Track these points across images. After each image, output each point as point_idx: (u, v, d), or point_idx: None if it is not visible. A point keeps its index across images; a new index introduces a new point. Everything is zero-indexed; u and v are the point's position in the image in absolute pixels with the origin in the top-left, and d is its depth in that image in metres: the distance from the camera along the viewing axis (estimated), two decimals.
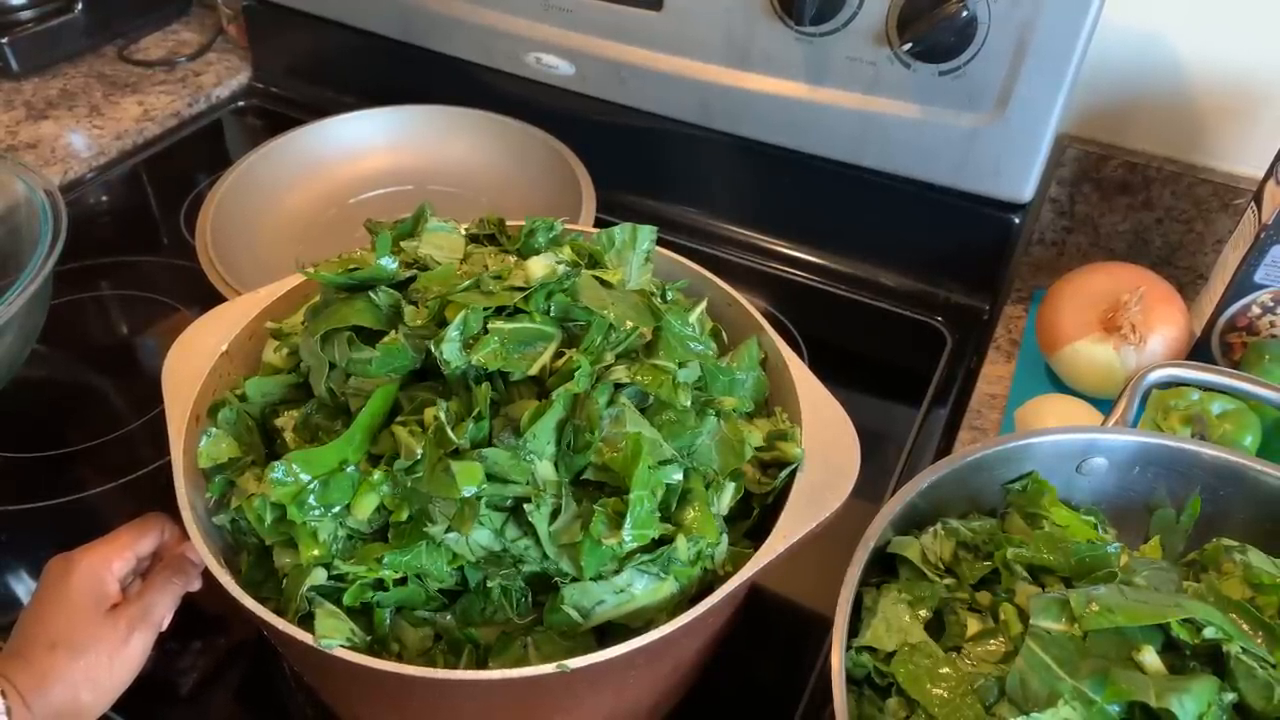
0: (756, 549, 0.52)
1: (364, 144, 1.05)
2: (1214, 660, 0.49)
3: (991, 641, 0.52)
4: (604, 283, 0.58)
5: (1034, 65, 0.81)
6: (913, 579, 0.56)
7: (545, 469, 0.51)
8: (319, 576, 0.51)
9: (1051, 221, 1.01)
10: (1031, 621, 0.50)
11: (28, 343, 0.82)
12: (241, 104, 1.27)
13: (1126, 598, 0.50)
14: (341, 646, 0.48)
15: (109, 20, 1.30)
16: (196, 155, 1.18)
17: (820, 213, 1.01)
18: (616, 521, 0.49)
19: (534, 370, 0.52)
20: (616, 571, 0.51)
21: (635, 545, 0.50)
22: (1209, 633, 0.48)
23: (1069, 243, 1.02)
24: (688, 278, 0.68)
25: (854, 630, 0.54)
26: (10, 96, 1.21)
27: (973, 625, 0.53)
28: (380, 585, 0.52)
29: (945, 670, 0.50)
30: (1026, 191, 0.89)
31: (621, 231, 0.63)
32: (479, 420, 0.50)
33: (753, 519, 0.58)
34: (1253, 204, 0.78)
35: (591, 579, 0.51)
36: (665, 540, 0.51)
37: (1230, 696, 0.47)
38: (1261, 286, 0.77)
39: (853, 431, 0.57)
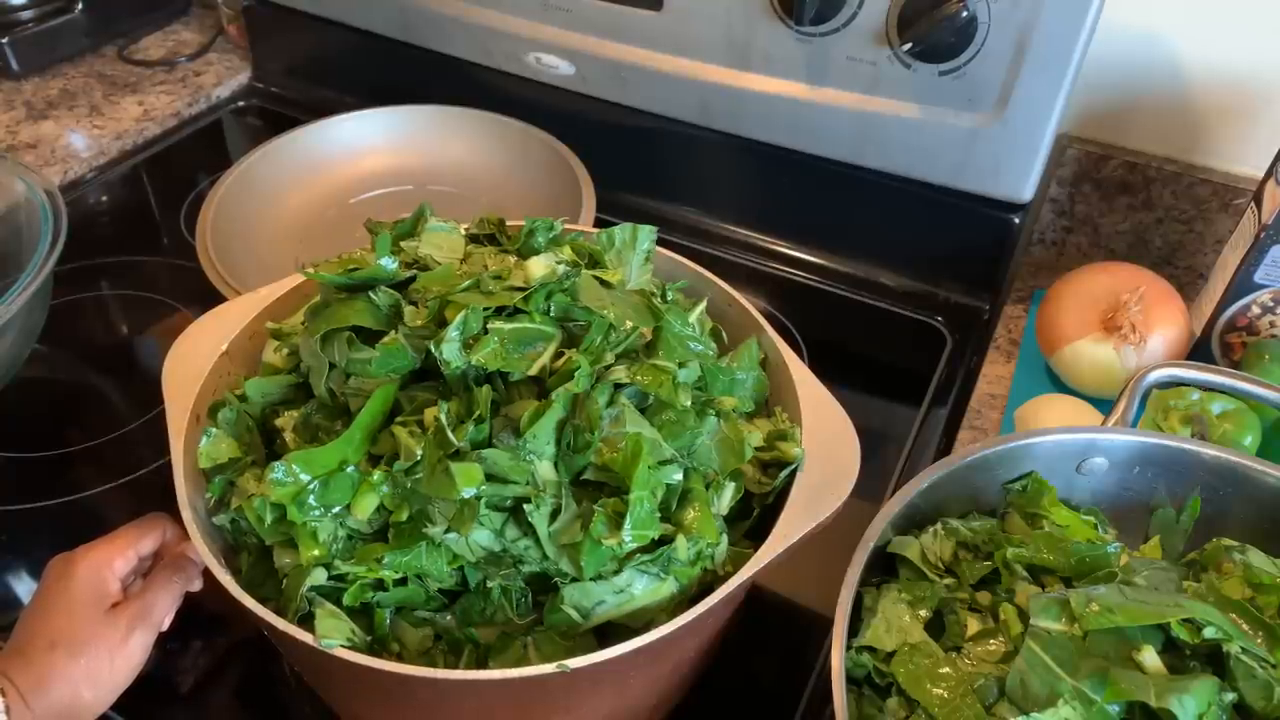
0: (756, 549, 0.52)
1: (364, 144, 1.05)
2: (1214, 660, 0.49)
3: (991, 641, 0.52)
4: (604, 283, 0.58)
5: (1034, 65, 0.81)
6: (913, 579, 0.56)
7: (545, 469, 0.51)
8: (319, 576, 0.51)
9: (1051, 221, 1.01)
10: (1031, 621, 0.50)
11: (28, 343, 0.82)
12: (241, 104, 1.27)
13: (1126, 598, 0.50)
14: (342, 646, 0.48)
15: (109, 20, 1.30)
16: (196, 155, 1.18)
17: (820, 213, 1.01)
18: (616, 521, 0.49)
19: (534, 370, 0.52)
20: (616, 571, 0.51)
21: (635, 545, 0.50)
22: (1209, 633, 0.48)
23: (1069, 243, 1.02)
24: (688, 278, 0.68)
25: (854, 630, 0.54)
26: (10, 96, 1.21)
27: (973, 625, 0.53)
28: (380, 585, 0.52)
29: (945, 670, 0.50)
30: (1026, 191, 0.89)
31: (621, 231, 0.63)
32: (479, 422, 0.50)
33: (753, 519, 0.58)
34: (1253, 204, 0.78)
35: (591, 579, 0.51)
36: (665, 540, 0.51)
37: (1230, 696, 0.47)
38: (1261, 286, 0.77)
39: (853, 431, 0.57)
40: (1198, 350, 0.82)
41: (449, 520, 0.50)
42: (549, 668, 0.46)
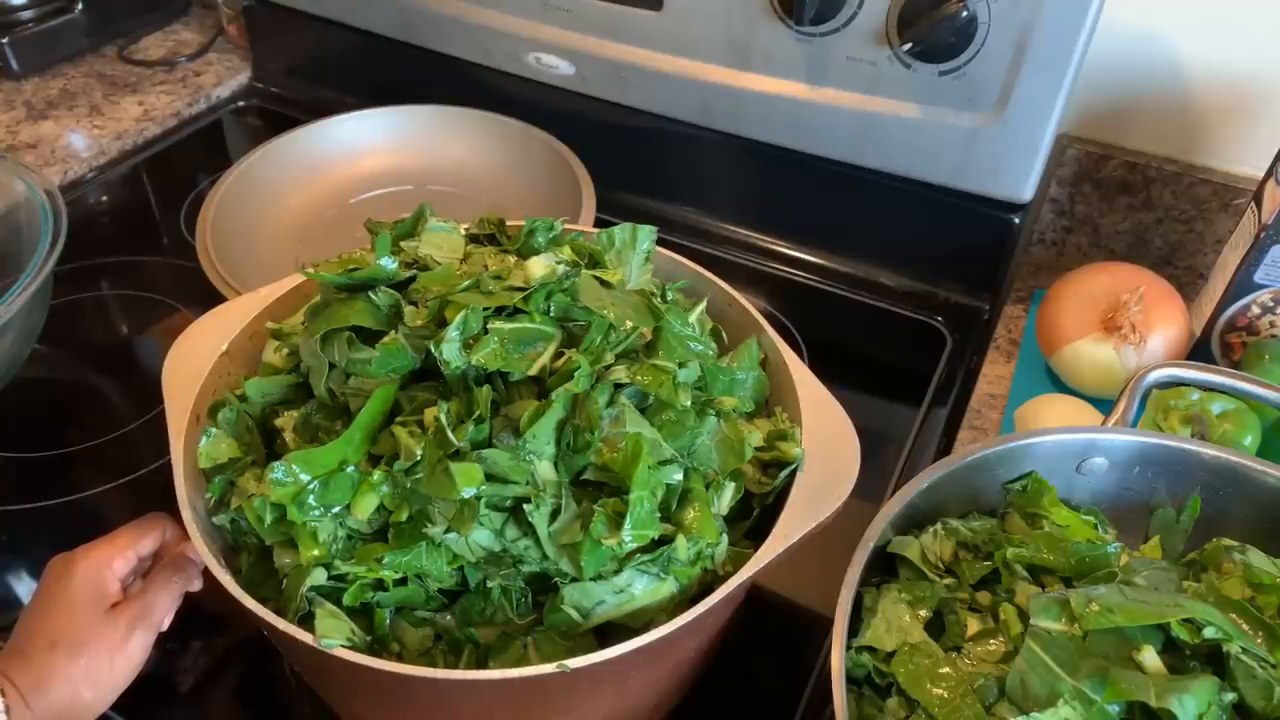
0: (756, 549, 0.52)
1: (364, 144, 1.05)
2: (1214, 660, 0.49)
3: (991, 641, 0.52)
4: (604, 283, 0.58)
5: (1034, 65, 0.81)
6: (913, 579, 0.56)
7: (545, 469, 0.51)
8: (319, 576, 0.51)
9: (1051, 221, 1.01)
10: (1031, 621, 0.50)
11: (28, 343, 0.82)
12: (241, 104, 1.27)
13: (1126, 598, 0.50)
14: (342, 646, 0.48)
15: (109, 20, 1.30)
16: (196, 155, 1.18)
17: (820, 213, 1.01)
18: (616, 521, 0.49)
19: (534, 370, 0.52)
20: (616, 571, 0.51)
21: (635, 545, 0.50)
22: (1209, 633, 0.48)
23: (1069, 243, 1.02)
24: (688, 278, 0.68)
25: (854, 630, 0.54)
26: (10, 96, 1.21)
27: (973, 625, 0.53)
28: (380, 585, 0.52)
29: (945, 670, 0.50)
30: (1026, 191, 0.89)
31: (621, 231, 0.63)
32: (479, 422, 0.50)
33: (753, 519, 0.58)
34: (1253, 204, 0.78)
35: (591, 579, 0.51)
36: (665, 540, 0.51)
37: (1230, 696, 0.47)
38: (1261, 286, 0.77)
39: (853, 431, 0.57)
40: (1198, 350, 0.82)
41: (449, 520, 0.50)
42: (549, 668, 0.46)
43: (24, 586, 0.73)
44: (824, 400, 0.59)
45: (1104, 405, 0.71)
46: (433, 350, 0.51)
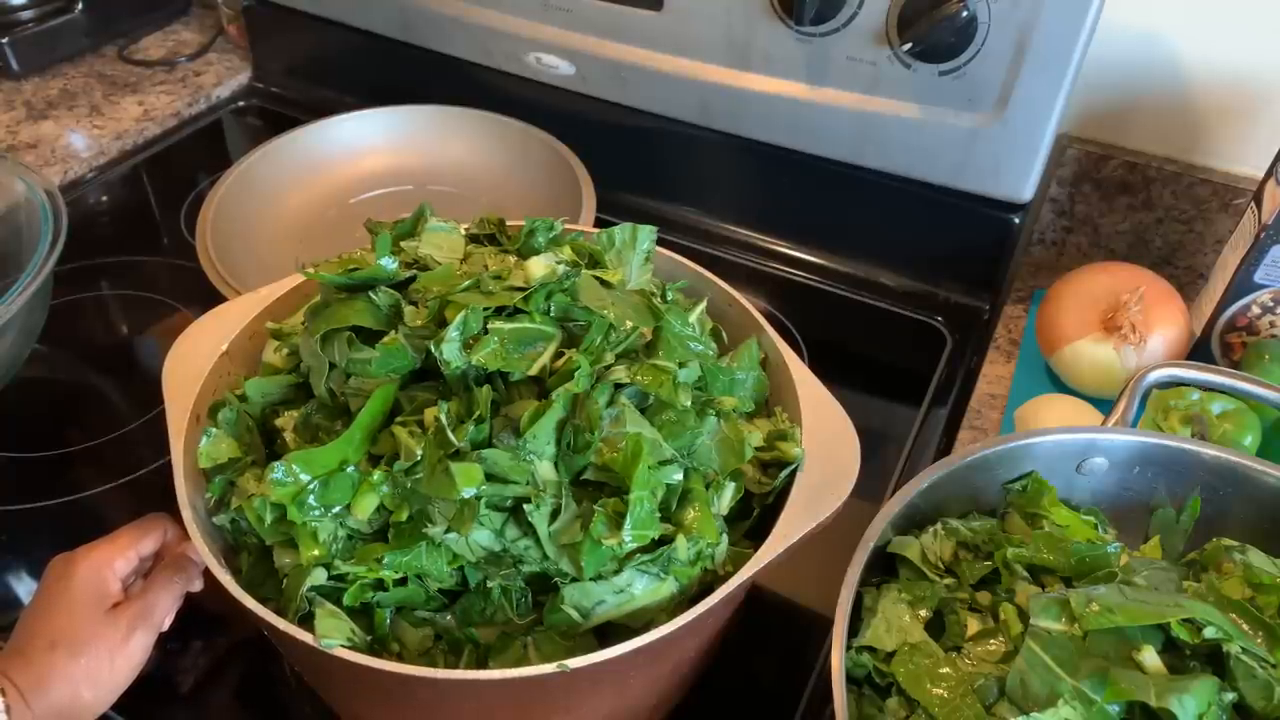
0: (756, 549, 0.52)
1: (364, 144, 1.05)
2: (1214, 660, 0.49)
3: (991, 641, 0.52)
4: (604, 283, 0.58)
5: (1034, 65, 0.81)
6: (913, 579, 0.56)
7: (545, 469, 0.51)
8: (319, 576, 0.51)
9: (1051, 221, 1.01)
10: (1031, 621, 0.50)
11: (28, 343, 0.82)
12: (241, 104, 1.27)
13: (1126, 598, 0.50)
14: (342, 646, 0.48)
15: (109, 20, 1.30)
16: (196, 155, 1.18)
17: (820, 213, 1.01)
18: (616, 521, 0.49)
19: (534, 370, 0.52)
20: (616, 571, 0.51)
21: (635, 545, 0.50)
22: (1209, 633, 0.48)
23: (1069, 243, 1.02)
24: (688, 278, 0.68)
25: (854, 630, 0.54)
26: (10, 96, 1.21)
27: (973, 625, 0.53)
28: (380, 585, 0.52)
29: (945, 670, 0.50)
30: (1026, 191, 0.89)
31: (621, 231, 0.63)
32: (479, 422, 0.50)
33: (753, 519, 0.58)
34: (1253, 204, 0.78)
35: (591, 579, 0.51)
36: (665, 540, 0.51)
37: (1230, 696, 0.47)
38: (1261, 286, 0.77)
39: (853, 431, 0.57)
40: (1198, 350, 0.82)
41: (449, 520, 0.50)
42: (549, 668, 0.46)
43: (24, 586, 0.73)
44: (824, 400, 0.59)
45: (1104, 405, 0.71)
46: (433, 350, 0.51)
